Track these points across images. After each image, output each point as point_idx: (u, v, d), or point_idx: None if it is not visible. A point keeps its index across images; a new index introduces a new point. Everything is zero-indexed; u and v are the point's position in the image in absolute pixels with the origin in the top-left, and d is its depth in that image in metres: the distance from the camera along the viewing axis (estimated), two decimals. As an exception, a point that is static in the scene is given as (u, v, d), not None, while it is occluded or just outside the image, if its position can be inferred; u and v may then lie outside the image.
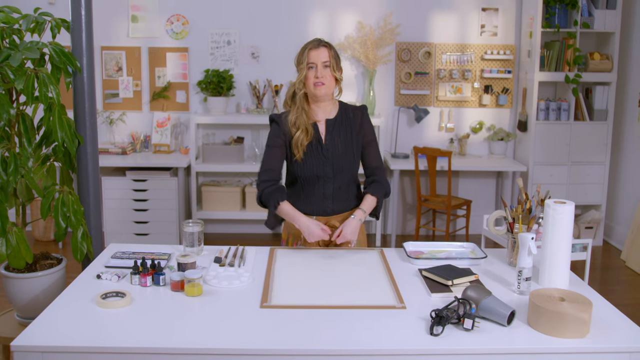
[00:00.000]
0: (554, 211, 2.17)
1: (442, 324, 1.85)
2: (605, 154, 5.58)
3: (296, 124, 2.63)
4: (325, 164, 2.66)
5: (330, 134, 2.67)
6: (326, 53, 2.59)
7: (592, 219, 5.64)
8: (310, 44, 2.61)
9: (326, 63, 2.58)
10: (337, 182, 2.69)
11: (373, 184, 2.74)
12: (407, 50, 5.74)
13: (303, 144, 2.62)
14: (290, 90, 2.68)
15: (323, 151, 2.66)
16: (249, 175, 5.79)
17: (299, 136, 2.62)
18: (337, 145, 2.67)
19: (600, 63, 5.44)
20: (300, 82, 2.61)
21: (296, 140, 2.62)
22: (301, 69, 2.60)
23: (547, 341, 1.82)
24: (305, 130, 2.62)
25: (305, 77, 2.59)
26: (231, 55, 5.70)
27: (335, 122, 2.69)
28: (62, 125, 2.71)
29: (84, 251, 2.75)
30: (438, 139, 5.90)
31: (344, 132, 2.69)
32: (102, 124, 5.69)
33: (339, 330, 1.87)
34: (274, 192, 2.62)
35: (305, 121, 2.63)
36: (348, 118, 2.71)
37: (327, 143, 2.67)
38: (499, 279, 2.32)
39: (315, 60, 2.57)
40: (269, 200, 2.61)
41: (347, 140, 2.69)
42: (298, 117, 2.63)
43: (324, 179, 2.67)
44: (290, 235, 2.78)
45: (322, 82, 2.58)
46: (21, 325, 2.69)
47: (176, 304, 2.06)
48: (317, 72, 2.57)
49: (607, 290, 4.54)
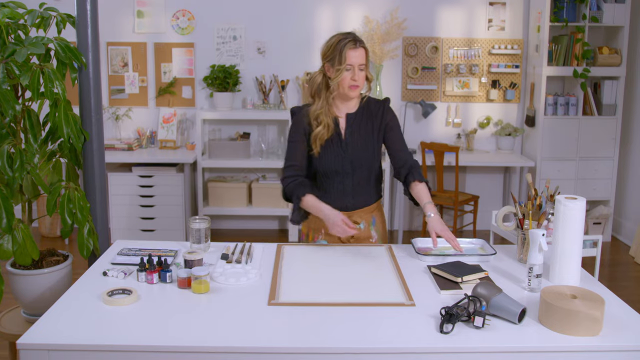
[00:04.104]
0: (565, 207, 2.14)
1: (452, 322, 1.83)
2: (614, 149, 5.54)
3: (318, 119, 2.58)
4: (344, 159, 2.61)
5: (350, 127, 2.62)
6: (363, 55, 2.52)
7: (601, 214, 5.60)
8: (347, 42, 2.50)
9: (362, 67, 2.52)
10: (356, 178, 2.64)
11: (413, 169, 2.61)
12: (414, 45, 5.70)
13: (322, 138, 2.58)
14: (315, 83, 2.61)
15: (342, 146, 2.61)
16: (255, 171, 5.78)
17: (320, 131, 2.57)
18: (357, 140, 2.62)
19: (609, 57, 5.39)
20: (336, 83, 2.53)
21: (315, 135, 2.58)
22: (338, 70, 2.50)
23: (559, 339, 1.80)
24: (327, 126, 2.57)
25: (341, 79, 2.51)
26: (237, 50, 5.68)
27: (356, 116, 2.64)
28: (67, 121, 2.70)
29: (90, 248, 2.73)
30: (445, 134, 5.87)
31: (364, 126, 2.64)
32: (108, 119, 5.68)
33: (347, 328, 1.85)
34: (298, 186, 2.58)
35: (328, 117, 2.58)
36: (370, 111, 2.65)
37: (346, 138, 2.62)
38: (509, 276, 2.29)
39: (353, 62, 2.49)
40: (293, 194, 2.59)
41: (368, 134, 2.63)
42: (322, 112, 2.57)
43: (343, 174, 2.63)
44: (311, 229, 2.74)
45: (357, 85, 2.53)
46: (27, 322, 2.68)
47: (183, 301, 2.04)
48: (355, 75, 2.51)
49: (617, 287, 4.50)
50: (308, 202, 2.56)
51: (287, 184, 2.61)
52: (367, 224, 2.73)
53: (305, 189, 2.58)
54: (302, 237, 2.81)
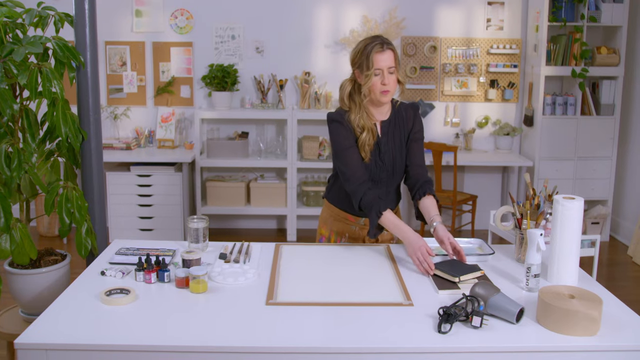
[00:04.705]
0: (563, 207, 2.14)
1: (450, 322, 1.83)
2: (612, 148, 5.54)
3: (360, 125, 2.50)
4: (381, 169, 2.57)
5: (385, 136, 2.57)
6: (392, 58, 2.44)
7: (599, 214, 5.60)
8: (374, 46, 2.42)
9: (391, 70, 2.44)
10: (389, 187, 2.62)
11: (427, 183, 2.60)
12: (413, 44, 5.70)
13: (370, 144, 2.51)
14: (345, 90, 2.53)
15: (380, 155, 2.56)
16: (253, 171, 5.78)
17: (366, 137, 2.50)
18: (392, 149, 2.57)
19: (607, 57, 5.39)
20: (367, 89, 2.45)
21: (363, 142, 2.50)
22: (367, 75, 2.43)
23: (557, 339, 1.80)
24: (371, 131, 2.51)
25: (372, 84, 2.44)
26: (235, 49, 5.67)
27: (390, 123, 2.58)
28: (65, 121, 2.69)
29: (88, 247, 2.73)
30: (444, 133, 5.87)
31: (397, 134, 2.58)
32: (106, 119, 5.68)
33: (345, 328, 1.85)
34: (375, 202, 2.47)
35: (370, 123, 2.52)
36: (401, 117, 2.60)
37: (382, 146, 2.56)
38: (507, 276, 2.30)
39: (381, 66, 2.41)
40: (372, 208, 2.46)
41: (401, 142, 2.59)
42: (361, 118, 2.50)
43: (378, 182, 2.58)
44: (333, 232, 2.72)
45: (388, 90, 2.45)
46: (25, 321, 2.68)
47: (181, 301, 2.04)
48: (384, 79, 2.43)
49: (615, 287, 4.51)
50: (388, 220, 2.47)
51: (362, 196, 2.48)
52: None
53: (384, 204, 2.48)
54: (322, 239, 2.76)
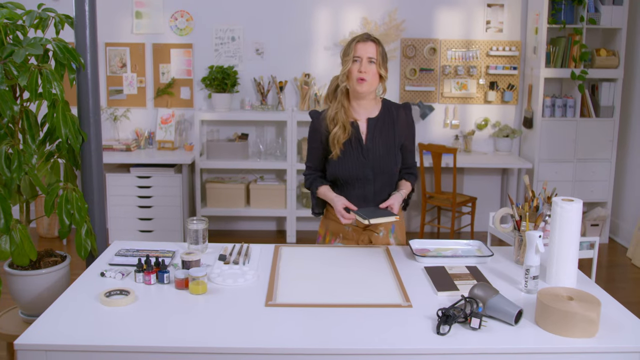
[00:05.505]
0: (562, 209, 2.15)
1: (449, 323, 1.83)
2: (612, 150, 5.55)
3: (334, 120, 2.57)
4: (365, 165, 2.59)
5: (371, 133, 2.60)
6: (374, 48, 2.51)
7: (598, 216, 5.61)
8: (358, 37, 2.54)
9: (372, 59, 2.50)
10: (377, 185, 2.63)
11: (407, 174, 2.73)
12: (412, 46, 5.71)
13: (340, 140, 2.56)
14: (332, 85, 2.61)
15: (363, 152, 2.59)
16: (253, 172, 5.78)
17: (337, 132, 2.55)
18: (378, 146, 2.59)
19: (606, 59, 5.40)
20: (343, 74, 2.54)
21: (333, 136, 2.56)
22: (346, 61, 2.52)
23: (556, 341, 1.80)
24: (343, 127, 2.55)
25: (348, 70, 2.51)
26: (235, 51, 5.68)
27: (377, 121, 2.61)
28: (66, 122, 2.70)
29: (88, 248, 2.73)
30: (443, 135, 5.87)
31: (386, 131, 2.61)
32: (106, 120, 5.68)
33: (344, 329, 1.86)
34: (315, 179, 2.71)
35: (344, 118, 2.57)
36: (391, 116, 2.63)
37: (367, 143, 2.59)
38: (506, 277, 2.30)
39: (361, 54, 2.49)
40: (311, 186, 2.71)
41: (390, 140, 2.61)
42: (337, 113, 2.56)
43: (364, 180, 2.61)
44: (328, 231, 2.75)
45: (364, 78, 2.50)
46: (25, 322, 2.68)
47: (180, 302, 2.04)
48: (362, 67, 2.49)
49: (614, 289, 4.51)
50: (321, 192, 2.68)
51: (306, 179, 2.75)
52: (386, 232, 2.72)
53: (322, 181, 2.69)
54: (319, 238, 2.80)
